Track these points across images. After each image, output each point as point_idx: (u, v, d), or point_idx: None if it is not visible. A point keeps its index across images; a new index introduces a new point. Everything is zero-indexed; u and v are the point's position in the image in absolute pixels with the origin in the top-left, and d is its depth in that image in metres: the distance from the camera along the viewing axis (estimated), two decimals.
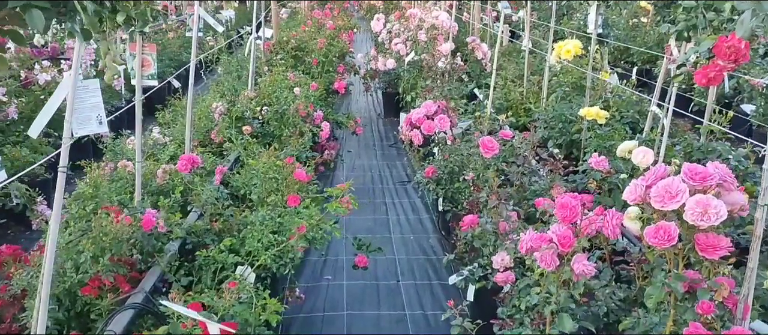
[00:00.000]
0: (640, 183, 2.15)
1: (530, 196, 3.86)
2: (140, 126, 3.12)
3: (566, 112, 5.48)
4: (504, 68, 7.36)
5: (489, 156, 3.75)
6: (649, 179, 2.15)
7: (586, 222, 2.32)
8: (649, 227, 2.07)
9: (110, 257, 2.59)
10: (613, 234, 2.24)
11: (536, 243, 2.22)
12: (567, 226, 2.21)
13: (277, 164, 3.37)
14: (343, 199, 3.05)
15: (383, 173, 6.36)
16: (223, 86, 5.78)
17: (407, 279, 4.26)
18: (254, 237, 3.00)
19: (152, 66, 3.00)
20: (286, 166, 3.32)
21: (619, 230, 2.28)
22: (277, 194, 3.29)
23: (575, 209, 2.20)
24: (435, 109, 4.37)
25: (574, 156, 5.37)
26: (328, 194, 3.14)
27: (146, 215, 2.80)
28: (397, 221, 5.18)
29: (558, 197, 2.28)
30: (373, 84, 8.76)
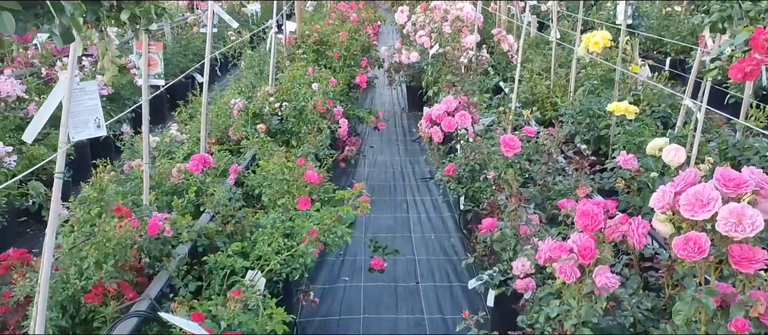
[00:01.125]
0: (669, 190, 1.99)
1: (554, 196, 3.70)
2: (148, 127, 3.05)
3: (594, 106, 5.27)
4: (531, 61, 7.16)
5: (510, 155, 3.60)
6: (679, 185, 1.98)
7: (610, 230, 2.17)
8: (677, 238, 1.91)
9: (114, 262, 2.51)
10: (639, 244, 2.09)
11: (555, 253, 2.07)
12: (588, 235, 2.06)
13: (287, 165, 3.26)
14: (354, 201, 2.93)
15: (405, 170, 6.23)
16: (243, 82, 5.70)
17: (427, 280, 4.14)
18: (264, 241, 2.90)
19: (159, 65, 2.92)
20: (296, 167, 3.21)
21: (646, 239, 2.12)
22: (287, 196, 3.19)
23: (597, 218, 2.05)
24: (455, 105, 4.22)
25: (602, 152, 5.18)
26: (338, 197, 3.02)
27: (152, 219, 2.73)
28: (418, 220, 5.05)
29: (579, 204, 2.13)
30: (398, 77, 8.62)
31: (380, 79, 9.69)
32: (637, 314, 2.63)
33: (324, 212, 2.94)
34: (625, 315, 2.64)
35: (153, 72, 2.92)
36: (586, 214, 2.07)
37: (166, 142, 4.55)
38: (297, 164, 3.23)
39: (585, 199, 3.03)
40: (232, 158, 4.26)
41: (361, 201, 3.69)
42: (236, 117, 4.95)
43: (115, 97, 6.41)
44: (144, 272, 2.83)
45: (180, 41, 9.11)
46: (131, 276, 2.70)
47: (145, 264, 2.83)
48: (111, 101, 6.37)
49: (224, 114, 5.00)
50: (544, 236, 2.93)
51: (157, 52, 2.89)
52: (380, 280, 4.03)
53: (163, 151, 4.23)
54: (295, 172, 3.21)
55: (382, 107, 8.87)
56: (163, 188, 3.82)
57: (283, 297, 3.24)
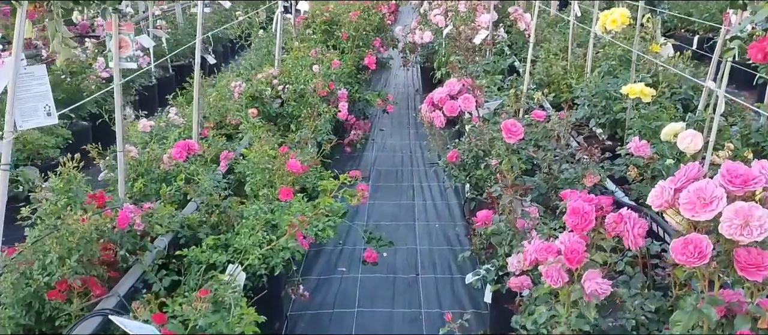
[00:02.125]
0: (668, 185, 1.77)
1: (561, 185, 3.48)
2: (120, 113, 2.89)
3: (610, 88, 5.00)
4: (548, 40, 6.87)
5: (512, 142, 3.38)
6: (679, 180, 1.77)
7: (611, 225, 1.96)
8: (676, 240, 1.70)
9: (79, 257, 2.38)
10: (635, 245, 1.88)
11: (542, 255, 1.87)
12: (578, 236, 1.86)
13: (269, 153, 3.09)
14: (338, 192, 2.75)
15: (414, 154, 6.04)
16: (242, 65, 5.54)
17: (427, 272, 3.96)
18: (245, 234, 2.74)
19: (130, 47, 2.76)
20: (279, 155, 3.04)
21: (643, 240, 1.91)
22: (270, 187, 3.02)
23: (588, 216, 1.84)
24: (459, 87, 4.00)
25: (618, 137, 4.92)
26: (322, 187, 2.84)
27: (122, 211, 2.58)
28: (424, 207, 4.86)
29: (570, 201, 1.92)
30: (413, 58, 8.40)
31: (396, 60, 9.48)
32: (640, 316, 2.43)
33: (304, 204, 2.77)
34: (628, 318, 2.44)
35: (124, 55, 2.76)
36: (576, 212, 1.86)
37: (162, 126, 4.41)
38: (280, 152, 3.05)
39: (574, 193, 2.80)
40: (226, 143, 4.10)
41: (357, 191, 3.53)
42: (237, 100, 4.80)
43: None
44: (118, 266, 2.70)
45: (192, 22, 8.97)
46: (102, 271, 2.56)
47: (120, 258, 2.69)
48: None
49: (224, 97, 4.85)
50: (544, 230, 2.73)
51: (127, 33, 2.73)
52: (378, 271, 3.86)
53: (155, 136, 4.09)
54: (278, 161, 3.03)
55: (396, 88, 8.67)
56: (153, 175, 3.69)
57: (272, 291, 3.10)
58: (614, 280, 2.70)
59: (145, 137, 4.10)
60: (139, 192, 3.61)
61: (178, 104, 4.78)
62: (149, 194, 3.63)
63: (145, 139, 4.05)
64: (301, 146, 4.19)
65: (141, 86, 6.72)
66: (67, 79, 5.55)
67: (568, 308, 1.92)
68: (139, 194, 3.62)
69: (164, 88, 7.13)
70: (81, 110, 5.44)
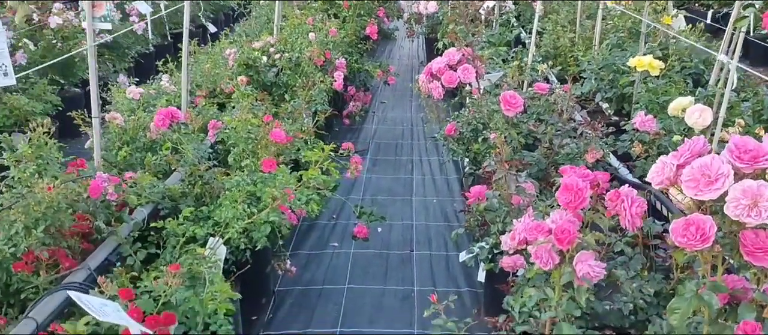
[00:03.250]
0: (670, 161, 1.62)
1: (561, 160, 3.32)
2: (95, 77, 2.75)
3: (618, 61, 4.82)
4: (556, 12, 6.65)
5: (511, 114, 3.22)
6: (683, 156, 1.61)
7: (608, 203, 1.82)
8: (676, 221, 1.55)
9: (46, 228, 2.26)
10: (632, 225, 1.74)
11: (531, 234, 1.73)
12: (571, 214, 1.71)
13: (252, 122, 2.95)
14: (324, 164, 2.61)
15: (415, 128, 5.88)
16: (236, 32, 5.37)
17: (423, 248, 3.83)
18: (226, 206, 2.62)
19: (104, 7, 2.61)
20: (263, 125, 2.90)
21: (640, 221, 1.76)
22: (253, 157, 2.89)
23: (581, 193, 1.69)
24: (458, 57, 3.83)
25: (625, 112, 4.75)
26: (306, 158, 2.70)
27: (94, 180, 2.45)
28: (422, 182, 4.72)
29: (564, 176, 1.77)
30: (418, 29, 8.21)
31: (401, 31, 9.28)
32: (638, 300, 2.29)
33: (289, 176, 2.63)
34: (625, 301, 2.31)
35: (98, 15, 2.61)
36: (569, 189, 1.72)
37: (152, 93, 4.27)
38: (263, 120, 2.91)
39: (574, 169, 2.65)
40: (216, 113, 3.96)
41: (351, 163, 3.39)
42: (230, 68, 4.64)
43: (114, 45, 6.16)
44: (93, 237, 2.58)
45: None
46: (74, 242, 2.45)
47: (95, 229, 2.58)
48: (110, 50, 6.12)
49: (217, 65, 4.70)
50: (540, 207, 2.58)
51: None
52: (372, 247, 3.74)
53: (143, 103, 3.95)
54: (261, 130, 2.89)
55: (400, 60, 8.48)
56: (138, 144, 3.56)
57: (258, 266, 2.99)
58: (612, 260, 2.58)
59: (133, 104, 3.97)
60: (123, 161, 3.49)
61: (170, 71, 4.63)
62: (134, 164, 3.50)
63: (132, 106, 3.91)
64: (294, 116, 4.05)
65: (137, 53, 6.57)
66: (59, 45, 5.41)
67: (559, 291, 1.78)
68: (123, 163, 3.51)
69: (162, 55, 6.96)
70: (72, 76, 5.31)
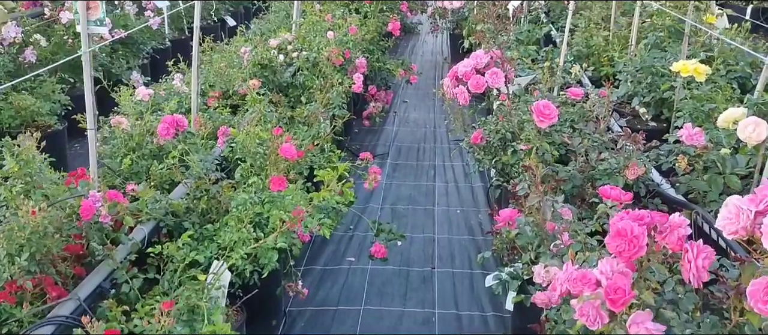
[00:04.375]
0: (747, 207, 1.35)
1: (598, 176, 3.04)
2: (91, 84, 2.52)
3: (657, 63, 4.50)
4: (588, 8, 6.32)
5: (544, 126, 2.94)
6: (761, 201, 1.34)
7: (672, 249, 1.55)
8: (756, 283, 1.28)
9: (31, 254, 2.05)
10: (698, 280, 1.47)
11: (575, 286, 1.47)
12: (624, 263, 1.45)
13: (260, 135, 2.71)
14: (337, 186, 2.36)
15: (438, 130, 5.61)
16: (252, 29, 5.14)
17: (445, 265, 3.58)
18: (231, 228, 2.39)
19: (100, 9, 2.38)
20: (272, 138, 2.66)
21: (707, 274, 1.49)
22: (259, 174, 2.65)
23: (637, 242, 1.43)
24: (486, 60, 3.55)
25: (664, 117, 4.43)
26: (319, 177, 2.46)
27: (86, 201, 2.24)
28: (445, 190, 4.46)
29: (613, 220, 1.51)
30: (442, 24, 7.93)
31: (425, 26, 9.01)
32: None
33: (300, 195, 2.39)
34: None
35: (93, 18, 2.39)
36: (621, 235, 1.45)
37: (161, 94, 4.06)
38: (273, 134, 2.67)
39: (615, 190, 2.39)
40: (228, 117, 3.74)
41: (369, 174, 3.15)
42: (245, 68, 4.42)
43: (128, 41, 5.96)
44: (87, 260, 2.37)
45: None
46: (66, 266, 2.24)
47: (90, 251, 2.37)
48: (124, 46, 5.93)
49: (232, 64, 4.47)
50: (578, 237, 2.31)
51: None
52: (390, 263, 3.49)
53: (152, 106, 3.73)
54: (270, 144, 2.65)
55: (423, 56, 8.21)
56: (144, 151, 3.35)
57: (267, 287, 2.76)
58: (658, 295, 2.31)
59: (141, 106, 3.75)
60: (128, 170, 3.28)
61: (182, 70, 4.41)
62: (140, 172, 3.30)
63: (139, 109, 3.69)
64: (310, 121, 3.81)
65: (153, 49, 6.37)
66: (70, 41, 5.22)
67: None
68: (128, 172, 3.30)
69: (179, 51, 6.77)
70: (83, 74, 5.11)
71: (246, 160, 2.76)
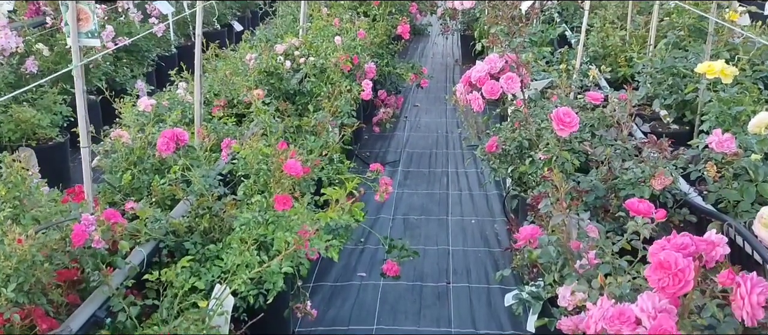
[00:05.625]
0: None
1: (622, 186, 2.87)
2: (84, 100, 2.38)
3: (679, 64, 4.32)
4: (603, 6, 6.14)
5: (565, 135, 2.78)
6: None
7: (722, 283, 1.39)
8: None
9: (18, 285, 1.91)
10: (752, 319, 1.30)
11: (612, 324, 1.31)
12: (667, 301, 1.29)
13: (263, 150, 2.57)
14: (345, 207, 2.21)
15: (451, 134, 5.45)
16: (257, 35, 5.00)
17: (461, 280, 3.42)
18: (233, 250, 2.25)
19: (91, 20, 2.24)
20: (276, 153, 2.51)
21: (762, 312, 1.32)
22: (263, 192, 2.50)
23: (683, 277, 1.27)
24: (501, 65, 3.40)
25: (686, 120, 4.26)
26: (326, 196, 2.30)
27: (78, 225, 2.10)
28: (459, 199, 4.30)
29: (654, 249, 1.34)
30: (453, 25, 7.77)
31: (435, 27, 8.85)
32: None
33: (306, 213, 2.23)
34: None
35: (84, 29, 2.25)
36: (664, 267, 1.29)
37: (164, 105, 3.92)
38: (277, 148, 2.52)
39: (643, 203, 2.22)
40: (232, 128, 3.60)
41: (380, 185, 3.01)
42: (250, 76, 4.28)
43: (133, 49, 5.84)
44: (81, 286, 2.24)
45: None
46: (58, 294, 2.11)
47: (84, 277, 2.23)
48: (128, 54, 5.81)
49: (237, 72, 4.33)
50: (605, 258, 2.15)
51: (87, 3, 2.21)
52: (403, 277, 3.32)
53: (153, 117, 3.60)
54: (274, 160, 2.51)
55: (434, 58, 8.05)
56: (146, 165, 3.21)
57: (274, 310, 2.61)
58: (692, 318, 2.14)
59: (143, 118, 3.62)
60: (128, 185, 3.15)
61: (186, 78, 4.28)
62: (141, 187, 3.16)
63: (141, 121, 3.56)
64: (318, 130, 3.67)
65: (158, 57, 6.26)
66: None
67: None
68: (128, 187, 3.17)
69: (185, 58, 6.66)
70: (86, 84, 4.98)
71: (249, 176, 2.61)
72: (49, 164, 4.16)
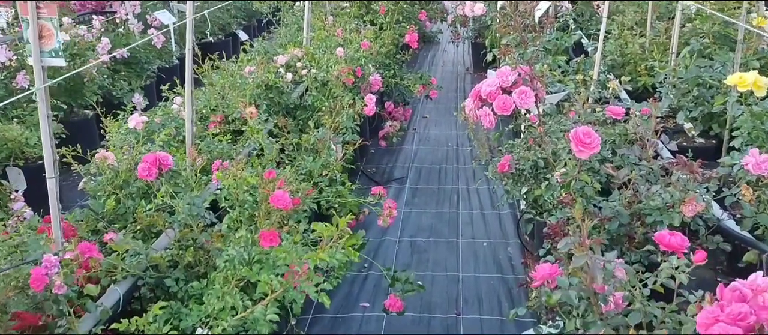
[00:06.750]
0: None
1: (648, 211, 2.61)
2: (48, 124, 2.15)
3: (705, 74, 4.04)
4: (621, 12, 5.87)
5: (585, 157, 2.52)
6: None
7: None
8: None
9: None
10: None
11: None
12: None
13: (248, 180, 2.33)
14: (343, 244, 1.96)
15: (461, 148, 5.20)
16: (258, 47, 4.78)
17: (471, 310, 3.17)
18: (215, 292, 2.01)
19: (54, 37, 2.01)
20: (264, 182, 2.27)
21: None
22: (249, 225, 2.27)
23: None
24: (514, 78, 3.14)
25: (713, 134, 3.98)
26: (318, 232, 2.06)
27: (36, 269, 1.86)
28: (469, 219, 4.04)
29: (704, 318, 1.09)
30: (463, 32, 7.52)
31: (444, 34, 8.62)
32: None
33: (295, 251, 1.99)
34: None
35: (47, 48, 2.02)
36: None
37: (157, 122, 3.70)
38: (265, 177, 2.28)
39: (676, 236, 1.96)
40: (226, 147, 3.37)
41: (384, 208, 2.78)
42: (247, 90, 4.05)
43: (131, 61, 5.65)
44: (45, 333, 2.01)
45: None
46: None
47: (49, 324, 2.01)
48: (127, 66, 5.61)
49: (235, 86, 4.10)
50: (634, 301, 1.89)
51: (50, 18, 1.99)
52: (409, 308, 3.08)
53: (142, 135, 3.37)
54: (261, 190, 2.27)
55: (444, 67, 7.80)
56: (132, 189, 2.99)
57: None
58: None
59: (132, 137, 3.40)
60: (111, 212, 2.93)
61: (181, 92, 4.06)
62: (126, 214, 2.95)
63: (129, 140, 3.34)
64: (318, 148, 3.43)
65: (158, 68, 6.06)
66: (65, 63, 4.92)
67: None
68: (112, 214, 2.95)
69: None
70: (81, 99, 4.81)
71: (235, 207, 2.37)
72: (38, 185, 3.94)
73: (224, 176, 2.36)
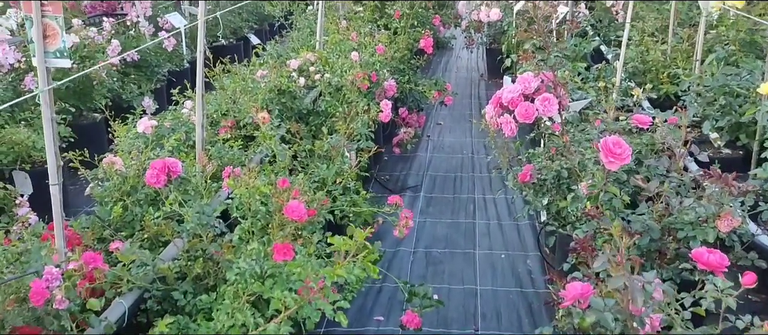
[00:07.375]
0: None
1: (680, 226, 2.48)
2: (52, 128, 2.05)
3: (732, 82, 3.91)
4: (641, 18, 5.74)
5: (615, 168, 2.39)
6: None
7: None
8: None
9: None
10: None
11: None
12: None
13: (261, 190, 2.21)
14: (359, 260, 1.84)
15: (477, 155, 5.07)
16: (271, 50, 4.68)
17: (489, 325, 3.03)
18: (224, 307, 1.90)
19: (59, 37, 1.92)
20: (278, 192, 2.16)
21: None
22: (262, 236, 2.15)
23: None
24: (537, 84, 3.02)
25: (740, 144, 3.84)
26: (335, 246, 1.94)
27: (36, 282, 1.76)
28: (487, 229, 3.91)
29: None
30: (477, 38, 7.41)
31: (458, 40, 8.51)
32: None
33: (309, 267, 1.88)
34: None
35: (52, 48, 1.93)
36: None
37: (167, 126, 3.61)
38: (279, 187, 2.16)
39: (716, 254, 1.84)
40: (238, 153, 3.27)
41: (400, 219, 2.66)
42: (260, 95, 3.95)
43: (142, 64, 5.56)
44: None
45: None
46: None
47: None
48: (137, 69, 5.53)
49: (246, 90, 4.00)
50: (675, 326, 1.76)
51: (55, 17, 1.89)
52: (426, 323, 2.95)
53: (152, 140, 3.27)
54: (275, 200, 2.15)
55: (458, 73, 7.68)
56: (139, 196, 2.89)
57: None
58: None
59: (140, 141, 3.30)
60: (118, 219, 2.83)
61: (192, 96, 3.96)
62: (133, 221, 2.84)
63: (138, 145, 3.24)
64: (332, 155, 3.32)
65: (169, 72, 5.97)
66: (74, 65, 4.84)
67: None
68: (118, 221, 2.85)
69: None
70: (89, 101, 4.73)
71: (247, 217, 2.26)
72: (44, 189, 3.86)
73: (236, 184, 2.24)
